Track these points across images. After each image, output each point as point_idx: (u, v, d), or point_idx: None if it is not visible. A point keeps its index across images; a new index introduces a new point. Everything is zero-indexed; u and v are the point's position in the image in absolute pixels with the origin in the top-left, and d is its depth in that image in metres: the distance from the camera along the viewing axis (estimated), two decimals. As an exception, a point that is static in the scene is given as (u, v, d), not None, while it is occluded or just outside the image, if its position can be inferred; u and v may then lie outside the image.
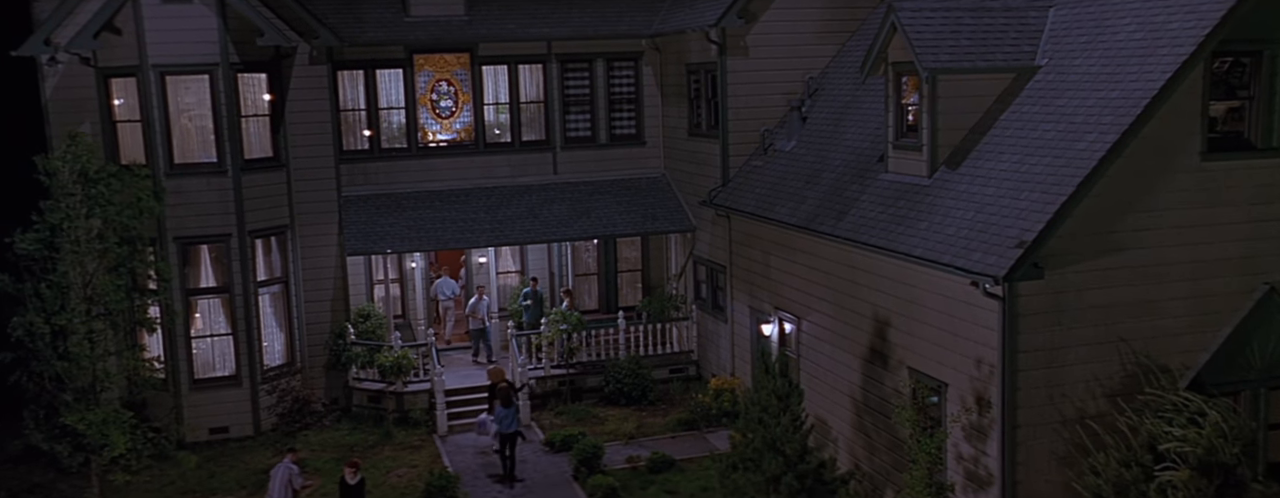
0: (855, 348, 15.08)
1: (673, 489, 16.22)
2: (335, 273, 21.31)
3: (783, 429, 12.72)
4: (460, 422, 19.66)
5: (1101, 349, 12.06)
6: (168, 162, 18.75)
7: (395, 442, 18.91)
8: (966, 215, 12.76)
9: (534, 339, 20.83)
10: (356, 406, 20.48)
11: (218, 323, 19.53)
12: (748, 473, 12.94)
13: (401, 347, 20.05)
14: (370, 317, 21.21)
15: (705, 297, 21.52)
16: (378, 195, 21.53)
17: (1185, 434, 10.47)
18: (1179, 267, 12.25)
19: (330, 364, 20.96)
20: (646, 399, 20.45)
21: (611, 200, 22.29)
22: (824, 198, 16.20)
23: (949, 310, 12.78)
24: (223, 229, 19.19)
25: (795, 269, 17.07)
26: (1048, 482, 12.02)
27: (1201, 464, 10.32)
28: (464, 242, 21.01)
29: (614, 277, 23.86)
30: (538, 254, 23.11)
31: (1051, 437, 12.00)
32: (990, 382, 12.04)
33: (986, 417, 12.15)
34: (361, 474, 14.72)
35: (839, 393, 15.75)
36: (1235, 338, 12.46)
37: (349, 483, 14.54)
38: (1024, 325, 11.73)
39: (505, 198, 22.04)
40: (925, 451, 12.04)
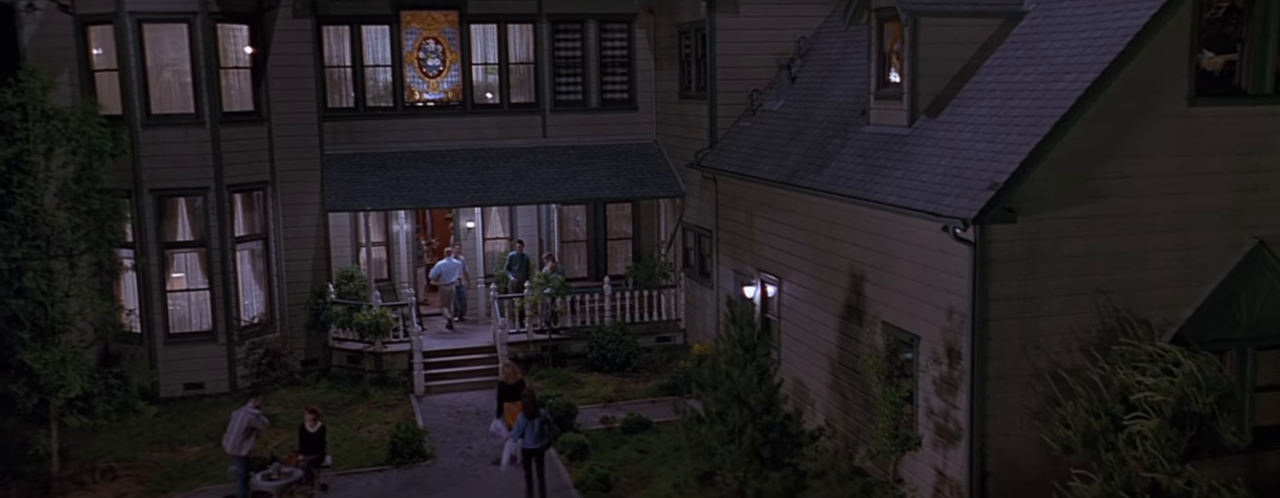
0: (832, 306, 14.64)
1: (645, 449, 15.85)
2: (317, 232, 21.03)
3: (747, 380, 12.28)
4: (438, 383, 19.37)
5: (1079, 301, 11.56)
6: (144, 111, 18.49)
7: (371, 401, 18.63)
8: (942, 162, 12.28)
9: (516, 302, 20.48)
10: (336, 366, 20.22)
11: (195, 278, 19.28)
12: (712, 426, 12.54)
13: (380, 306, 19.75)
14: (353, 278, 20.92)
15: (692, 264, 21.11)
16: (362, 154, 21.21)
17: (1157, 383, 9.97)
18: (1163, 217, 11.72)
19: (311, 324, 20.69)
20: (630, 366, 20.07)
21: (601, 165, 21.90)
22: (806, 153, 15.76)
23: (922, 260, 12.32)
24: (200, 182, 18.93)
25: (777, 229, 16.63)
26: (1019, 437, 11.55)
27: (1174, 415, 9.81)
28: (448, 201, 20.68)
29: (603, 244, 23.44)
30: (527, 220, 22.74)
31: (1023, 391, 11.51)
32: (961, 332, 11.57)
33: (956, 369, 11.69)
34: (322, 422, 14.41)
35: (817, 354, 15.32)
36: (1221, 294, 11.93)
37: (309, 431, 14.24)
38: (996, 273, 11.25)
39: (492, 160, 21.69)
40: (890, 400, 11.58)
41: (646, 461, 15.35)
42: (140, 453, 15.95)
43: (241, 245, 19.70)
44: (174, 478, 14.92)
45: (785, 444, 12.33)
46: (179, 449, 16.19)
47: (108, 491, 14.50)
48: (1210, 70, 11.79)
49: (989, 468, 11.49)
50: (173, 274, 19.16)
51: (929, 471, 12.34)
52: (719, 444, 12.36)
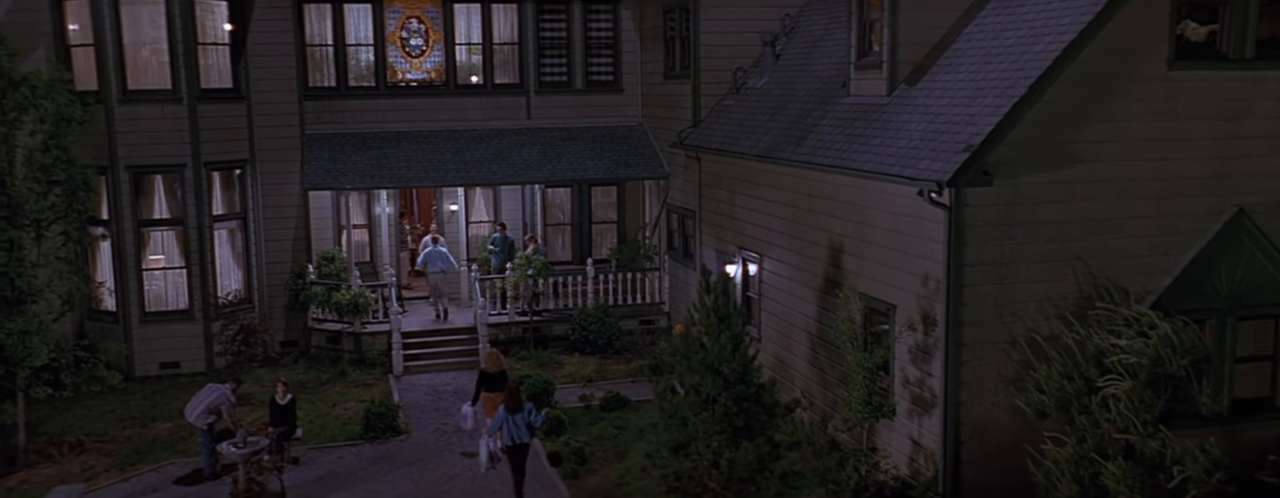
0: (811, 280, 14.45)
1: (623, 425, 15.66)
2: (297, 212, 20.82)
3: (721, 348, 12.09)
4: (417, 364, 19.18)
5: (1055, 267, 11.37)
6: (121, 87, 18.30)
7: (348, 380, 18.43)
8: (919, 127, 12.10)
9: (498, 283, 20.28)
10: (315, 347, 20.02)
11: (171, 256, 19.08)
12: (686, 395, 12.34)
13: (360, 286, 19.55)
14: (334, 260, 20.72)
15: (677, 246, 20.93)
16: (343, 134, 21.02)
17: (1131, 345, 9.77)
18: (1141, 183, 11.54)
19: (290, 305, 20.49)
20: (613, 348, 19.88)
21: (585, 146, 21.71)
22: (786, 127, 15.58)
23: (898, 228, 12.13)
24: (177, 159, 18.73)
25: (758, 206, 16.45)
26: (994, 404, 11.35)
27: (1148, 377, 9.62)
28: (430, 180, 20.49)
29: (588, 228, 23.24)
30: (511, 204, 22.55)
31: (999, 358, 11.32)
32: (936, 299, 11.38)
33: (932, 336, 11.50)
34: (292, 395, 14.21)
35: (796, 330, 15.13)
36: (1200, 262, 11.74)
37: (279, 403, 14.03)
38: (971, 237, 11.06)
39: (475, 140, 21.50)
40: (863, 367, 11.38)
41: (624, 436, 15.16)
42: (111, 430, 15.74)
43: (219, 224, 19.50)
44: (143, 452, 14.72)
45: (759, 414, 12.13)
46: (151, 426, 15.98)
47: (75, 463, 14.29)
48: (1194, 40, 11.61)
49: (963, 436, 11.30)
50: (149, 252, 18.95)
51: (904, 441, 12.15)
52: (692, 414, 12.17)
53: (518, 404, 12.70)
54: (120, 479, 13.69)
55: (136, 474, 13.85)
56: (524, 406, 12.75)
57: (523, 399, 12.93)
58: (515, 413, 12.58)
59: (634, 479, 13.37)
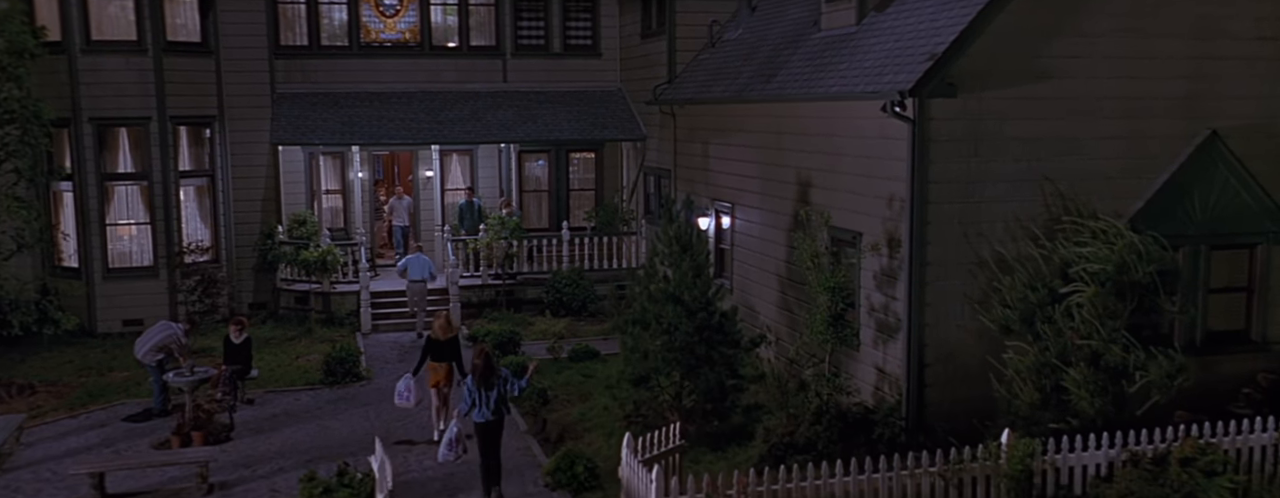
0: (781, 221, 14.13)
1: (590, 374, 15.31)
2: (267, 172, 20.51)
3: (682, 276, 11.78)
4: (386, 322, 18.83)
5: (1023, 188, 11.06)
6: (84, 37, 17.99)
7: (315, 337, 18.07)
8: (886, 47, 11.81)
9: (470, 245, 19.93)
10: (283, 307, 19.66)
11: (136, 211, 18.73)
12: (647, 326, 12.01)
13: (329, 243, 19.21)
14: (305, 224, 20.37)
15: (654, 210, 20.61)
16: (315, 94, 20.71)
17: (1095, 251, 9.46)
18: (1112, 102, 11.24)
19: (259, 266, 20.15)
20: (587, 311, 19.53)
21: (562, 109, 21.42)
22: (757, 69, 15.32)
23: (865, 152, 11.83)
24: (141, 112, 18.40)
25: (730, 153, 16.15)
26: (959, 327, 11.02)
27: (1113, 283, 9.30)
28: (402, 139, 20.17)
29: (565, 195, 22.91)
30: (488, 171, 22.24)
31: (964, 279, 10.99)
32: (901, 220, 11.06)
33: (896, 259, 11.17)
34: (248, 334, 13.84)
35: (767, 274, 14.81)
36: (1172, 186, 11.43)
37: (233, 342, 13.67)
38: (936, 153, 10.75)
39: (450, 102, 21.21)
40: (826, 287, 11.04)
41: (590, 383, 14.81)
42: (66, 377, 15.36)
43: (186, 181, 19.17)
44: (95, 395, 14.34)
45: (721, 344, 11.81)
46: (107, 374, 15.60)
47: (23, 404, 13.92)
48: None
49: (927, 358, 10.97)
50: (113, 207, 18.60)
51: (869, 371, 11.81)
52: (654, 343, 11.84)
53: (490, 377, 10.25)
54: (67, 417, 13.32)
55: (85, 412, 13.49)
56: (498, 376, 10.36)
57: (496, 368, 10.45)
58: (488, 388, 10.21)
59: (596, 415, 13.02)
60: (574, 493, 10.43)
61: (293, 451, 11.97)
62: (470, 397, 10.24)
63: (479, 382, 10.22)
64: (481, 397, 10.23)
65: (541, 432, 12.56)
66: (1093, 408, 9.14)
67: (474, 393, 10.23)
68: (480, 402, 10.24)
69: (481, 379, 10.23)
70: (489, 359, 10.40)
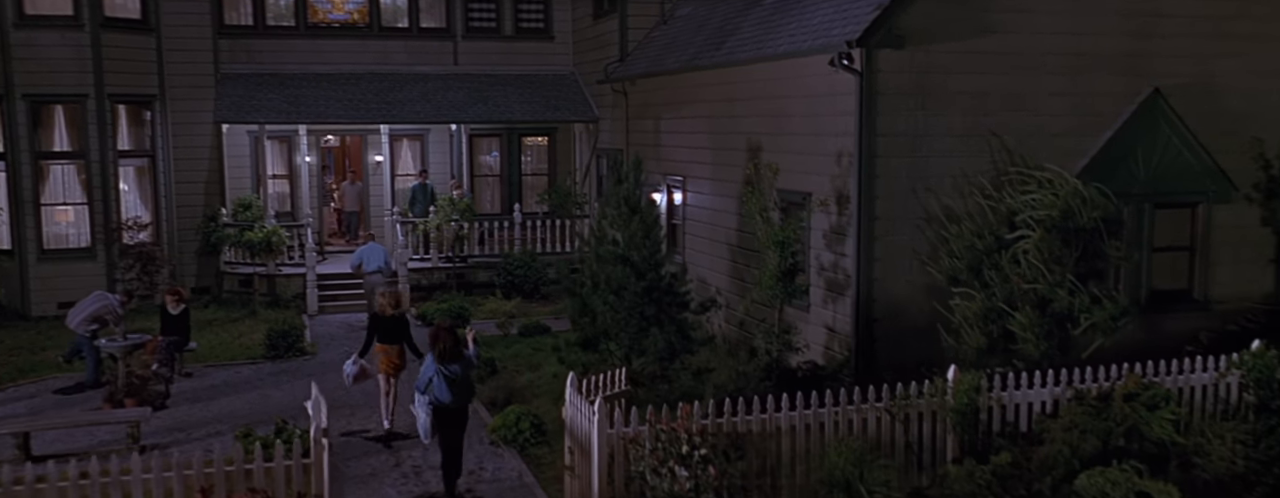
0: (732, 189, 14.04)
1: (539, 348, 15.07)
2: (211, 154, 20.08)
3: (631, 236, 11.61)
4: (333, 304, 18.44)
5: (970, 142, 11.06)
6: (17, 11, 17.47)
7: (259, 318, 17.62)
8: (834, 4, 11.78)
9: (420, 226, 19.62)
10: (227, 291, 19.20)
11: (72, 191, 18.20)
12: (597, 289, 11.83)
13: (273, 224, 18.81)
14: (250, 208, 19.93)
15: (606, 190, 20.43)
16: (260, 74, 20.33)
17: (1041, 198, 9.47)
18: (1057, 58, 11.29)
19: (202, 249, 19.69)
20: (539, 293, 19.28)
21: (513, 91, 21.22)
22: (708, 39, 15.26)
23: (814, 111, 11.78)
24: (78, 89, 17.88)
25: (681, 126, 16.06)
26: (908, 282, 10.98)
27: (1059, 230, 9.31)
28: (350, 118, 19.82)
29: (517, 179, 22.70)
30: (439, 156, 21.98)
31: (912, 234, 10.96)
32: (849, 176, 11.01)
33: (845, 215, 11.11)
34: (186, 306, 13.43)
35: (718, 245, 14.71)
36: (1116, 143, 11.51)
37: (170, 313, 13.25)
38: (884, 106, 10.72)
39: (399, 83, 20.92)
40: (775, 240, 10.93)
41: (539, 355, 14.57)
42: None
43: (125, 161, 18.67)
44: (25, 371, 13.83)
45: (670, 304, 11.65)
46: (40, 354, 15.07)
47: (-52, 380, 13.38)
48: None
49: (876, 314, 10.91)
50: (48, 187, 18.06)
51: (819, 331, 11.73)
52: (602, 305, 11.65)
53: (455, 351, 9.11)
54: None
55: (14, 386, 12.99)
56: (465, 351, 9.31)
57: (462, 342, 9.39)
58: (451, 362, 9.04)
59: (545, 383, 12.80)
60: (520, 449, 10.21)
61: (230, 417, 11.61)
62: (429, 375, 9.03)
63: (441, 358, 9.02)
64: (442, 375, 9.00)
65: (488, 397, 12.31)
66: (1038, 352, 9.12)
67: (436, 374, 9.01)
68: (439, 382, 8.99)
69: (445, 355, 9.01)
70: (453, 333, 9.22)
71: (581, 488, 7.99)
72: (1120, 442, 7.94)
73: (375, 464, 10.07)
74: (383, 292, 11.60)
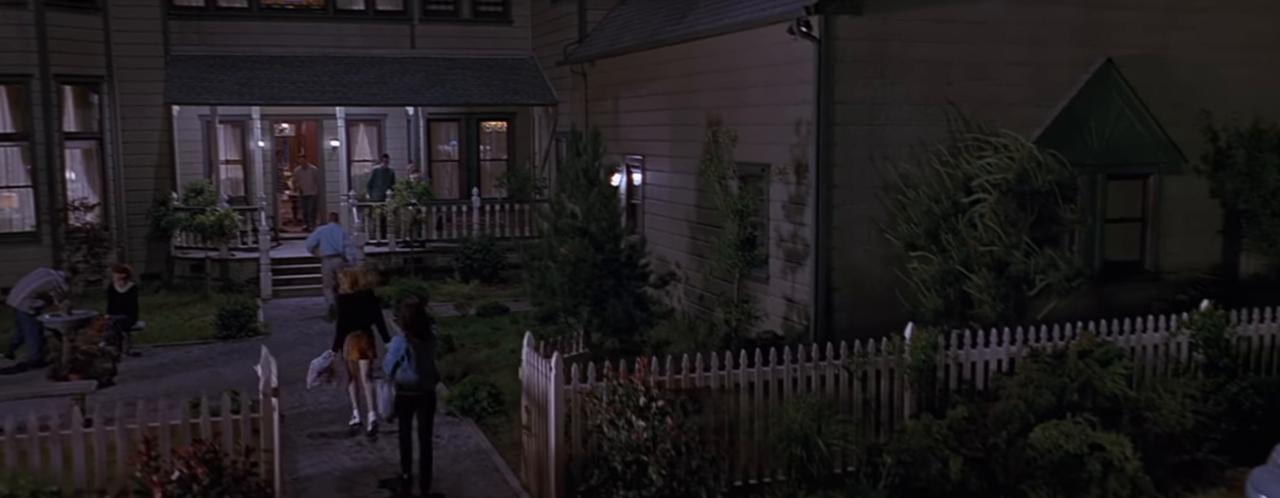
0: (691, 165, 13.98)
1: (498, 327, 14.92)
2: (161, 138, 19.67)
3: (590, 207, 11.51)
4: (287, 288, 18.14)
5: (929, 112, 11.10)
6: (-43, -13, 16.99)
7: (212, 302, 17.25)
8: (792, -26, 11.76)
9: (377, 210, 19.37)
10: (178, 277, 18.81)
11: (16, 174, 17.72)
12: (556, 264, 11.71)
13: (226, 207, 18.47)
14: (202, 192, 19.55)
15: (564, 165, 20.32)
16: (212, 56, 19.96)
17: (997, 161, 9.52)
18: (1014, 27, 11.37)
19: (152, 235, 19.27)
20: (498, 277, 19.11)
21: (472, 75, 21.03)
22: (667, 15, 15.22)
23: (773, 80, 11.76)
24: (21, 69, 17.39)
25: (640, 104, 15.99)
26: (867, 252, 10.99)
27: (1014, 193, 9.36)
28: (304, 100, 19.51)
29: (475, 165, 22.51)
30: (396, 141, 21.73)
31: (871, 203, 10.98)
32: (808, 145, 11.00)
33: (803, 184, 11.11)
34: (134, 283, 13.11)
35: (678, 223, 14.66)
36: (1071, 114, 11.61)
37: (118, 291, 12.93)
38: (842, 73, 10.73)
39: (355, 66, 20.63)
40: (734, 207, 10.89)
41: (498, 334, 14.43)
42: (-65, 341, 14.35)
43: (72, 143, 18.23)
44: (-35, 353, 13.40)
45: (629, 276, 11.57)
46: (-18, 338, 14.63)
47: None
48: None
49: (835, 283, 10.91)
50: (-10, 168, 17.58)
51: (779, 302, 11.72)
52: (560, 277, 11.53)
53: (423, 327, 8.49)
54: (-68, 371, 12.41)
55: (-47, 367, 12.59)
56: (431, 331, 8.72)
57: (429, 321, 8.79)
58: (423, 338, 8.42)
59: (502, 358, 12.67)
60: (476, 418, 10.07)
61: (179, 393, 11.24)
62: (398, 353, 8.29)
63: (410, 332, 8.37)
64: (409, 354, 8.26)
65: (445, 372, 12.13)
66: (995, 313, 9.16)
67: (403, 351, 8.27)
68: (407, 360, 8.26)
69: (413, 330, 8.38)
70: (421, 311, 8.56)
71: (538, 447, 7.89)
72: (1074, 397, 7.99)
73: (328, 434, 9.88)
74: (343, 270, 10.77)
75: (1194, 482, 8.10)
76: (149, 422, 6.55)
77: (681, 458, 6.89)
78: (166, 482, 5.92)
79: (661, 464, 6.79)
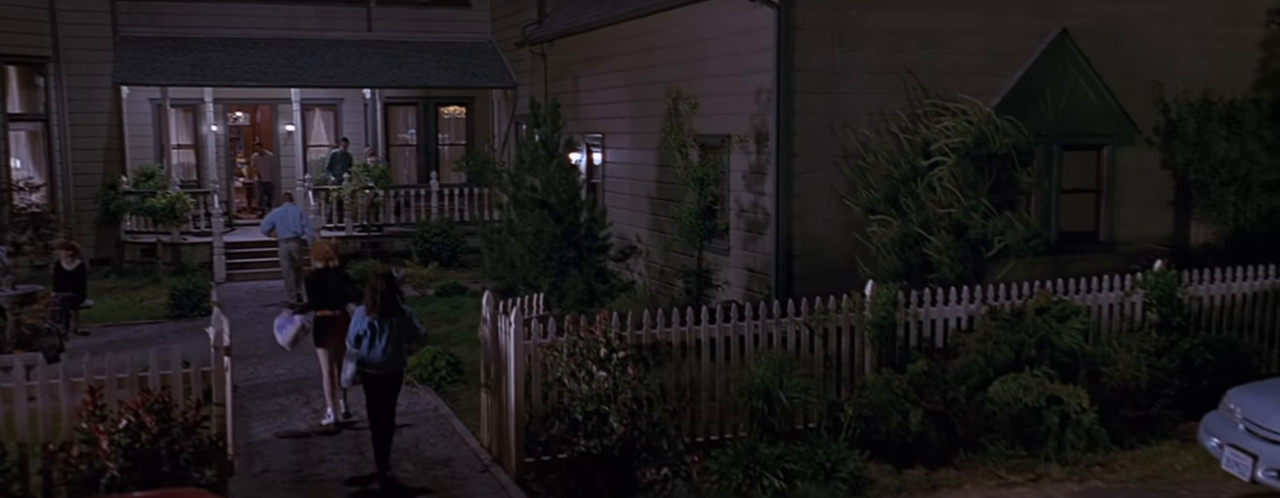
0: (651, 140, 13.93)
1: (456, 305, 14.79)
2: (110, 120, 19.28)
3: (549, 179, 11.43)
4: (241, 272, 17.83)
5: (887, 80, 11.14)
6: (-104, -38, 16.50)
7: (163, 285, 16.90)
8: (750, -56, 11.74)
9: (333, 193, 19.11)
10: (129, 261, 18.43)
11: (-41, 155, 17.25)
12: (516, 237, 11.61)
13: (178, 190, 18.12)
14: (153, 177, 19.16)
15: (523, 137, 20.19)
16: (162, 37, 19.57)
17: (955, 125, 9.58)
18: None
19: (102, 220, 18.86)
20: (457, 261, 18.93)
21: (429, 58, 20.83)
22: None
23: (732, 50, 11.74)
24: (-38, 47, 16.98)
25: (600, 82, 15.91)
26: (827, 220, 11.00)
27: (973, 156, 9.43)
28: (258, 81, 19.18)
29: (434, 149, 22.31)
30: (354, 126, 21.48)
31: (831, 171, 10.99)
32: (767, 113, 10.99)
33: (763, 153, 11.10)
34: (82, 261, 12.80)
35: (639, 199, 14.61)
36: (1026, 84, 11.69)
37: (65, 269, 12.62)
38: (801, 40, 10.73)
39: (310, 49, 20.34)
40: (694, 176, 10.87)
41: (457, 311, 14.29)
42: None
43: (16, 125, 17.79)
44: (-95, 334, 12.99)
45: (589, 248, 11.50)
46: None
47: None
48: None
49: (795, 251, 10.91)
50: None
51: (740, 273, 11.70)
52: (520, 248, 11.44)
53: (392, 304, 7.75)
54: None
55: (-109, 347, 12.18)
56: (402, 307, 7.92)
57: (400, 294, 8.03)
58: (388, 316, 7.70)
59: (461, 334, 12.54)
60: (435, 387, 9.94)
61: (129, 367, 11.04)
62: (361, 327, 7.56)
63: (375, 310, 7.63)
64: (376, 330, 7.58)
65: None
66: (954, 275, 9.22)
67: (367, 328, 7.56)
68: (376, 338, 7.57)
69: (380, 307, 7.64)
70: (390, 280, 7.78)
71: (499, 405, 7.79)
72: (1032, 353, 8.06)
73: (284, 402, 9.71)
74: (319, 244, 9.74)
75: (1149, 435, 8.20)
76: (95, 375, 6.36)
77: (643, 409, 6.83)
78: (113, 431, 5.75)
79: (623, 414, 6.73)
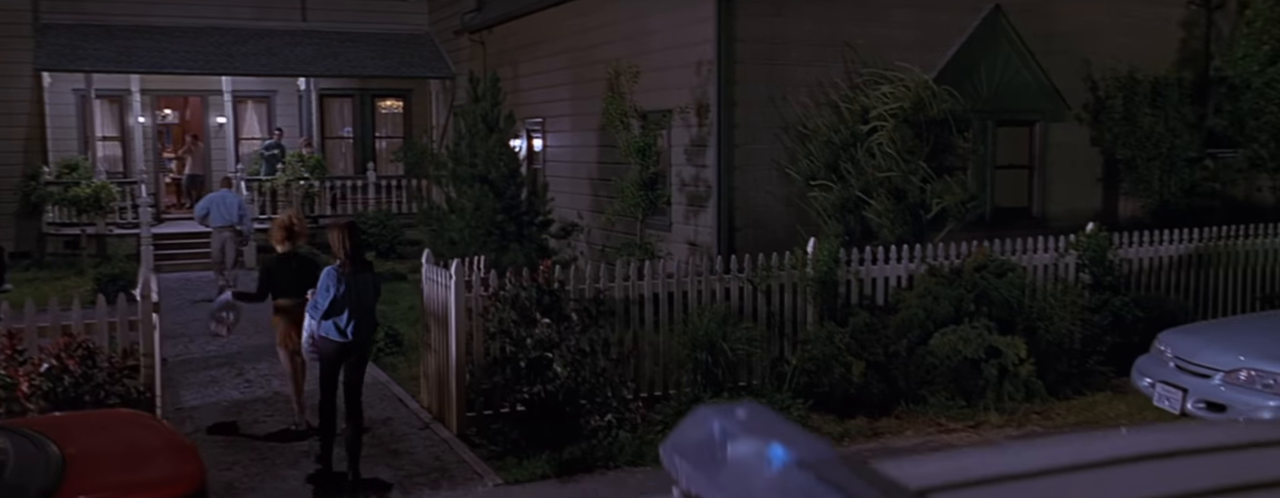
0: (592, 121, 13.87)
1: (394, 290, 14.46)
2: (30, 110, 18.65)
3: (489, 152, 11.31)
4: (170, 263, 17.31)
5: (825, 52, 11.24)
6: None
7: (88, 276, 16.34)
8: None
9: (266, 185, 18.69)
10: (51, 254, 17.78)
11: None
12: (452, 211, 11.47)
13: (102, 180, 17.56)
14: (77, 169, 18.54)
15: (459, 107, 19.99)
16: (87, 25, 18.99)
17: (893, 91, 9.70)
18: (906, -29, 11.63)
19: (21, 211, 18.20)
20: (395, 253, 18.63)
21: (366, 48, 20.52)
22: (565, -26, 15.05)
23: (673, 24, 11.78)
24: None
25: (540, 66, 15.83)
26: (768, 193, 11.05)
27: (911, 122, 9.55)
28: (186, 69, 18.70)
29: (371, 142, 21.97)
30: (288, 119, 21.02)
31: (771, 142, 11.06)
32: (708, 85, 11.02)
33: (705, 125, 11.12)
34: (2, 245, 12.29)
35: (580, 182, 14.53)
36: (960, 59, 11.91)
37: (-18, 253, 12.10)
38: (741, 10, 10.78)
39: (243, 38, 19.91)
40: (635, 148, 10.84)
41: (395, 296, 14.01)
42: None
43: (-71, 113, 17.10)
44: None
45: (530, 223, 11.41)
46: None
47: None
48: None
49: (737, 223, 10.94)
50: None
51: (681, 247, 11.69)
52: (459, 223, 11.29)
53: (360, 260, 6.67)
54: None
55: None
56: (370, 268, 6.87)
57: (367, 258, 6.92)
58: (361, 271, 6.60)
59: (401, 314, 12.32)
60: (373, 359, 9.71)
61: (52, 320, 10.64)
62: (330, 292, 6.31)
63: (348, 264, 6.45)
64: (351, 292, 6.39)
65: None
66: (894, 237, 9.31)
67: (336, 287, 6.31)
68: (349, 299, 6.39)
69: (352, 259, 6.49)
70: (355, 230, 6.66)
71: (439, 362, 7.64)
72: (971, 307, 8.16)
73: (216, 374, 9.43)
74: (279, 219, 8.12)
75: (1084, 387, 8.36)
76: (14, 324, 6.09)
77: (587, 358, 6.75)
78: (34, 374, 5.49)
79: (566, 360, 6.64)
